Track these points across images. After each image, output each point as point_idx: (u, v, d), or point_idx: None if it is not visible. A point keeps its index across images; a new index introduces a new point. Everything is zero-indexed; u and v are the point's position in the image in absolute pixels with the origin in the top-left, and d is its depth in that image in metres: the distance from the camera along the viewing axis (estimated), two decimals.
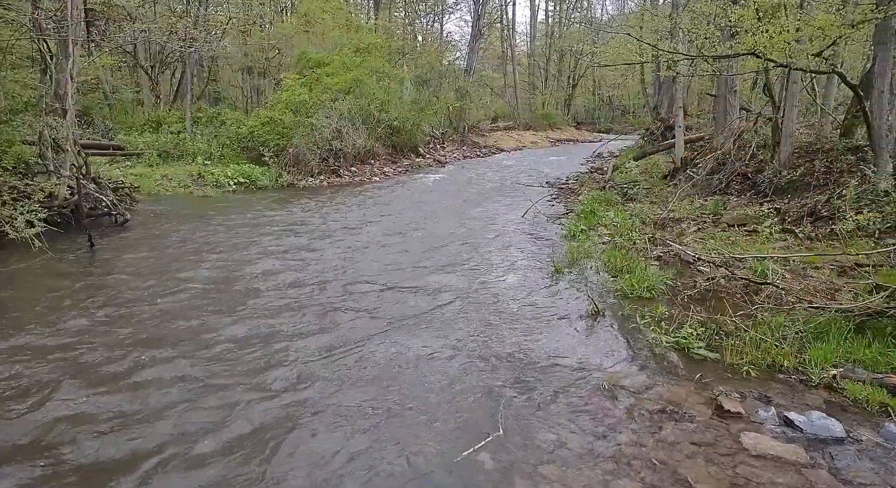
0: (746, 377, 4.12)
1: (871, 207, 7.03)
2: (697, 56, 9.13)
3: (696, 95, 23.03)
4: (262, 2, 21.95)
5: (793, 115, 9.36)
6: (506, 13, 36.75)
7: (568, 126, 38.19)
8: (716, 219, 8.67)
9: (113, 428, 3.40)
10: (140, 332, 4.85)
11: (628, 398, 3.86)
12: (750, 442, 3.29)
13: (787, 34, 7.18)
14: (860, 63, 11.95)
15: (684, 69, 11.79)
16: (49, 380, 3.95)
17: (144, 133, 15.91)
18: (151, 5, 19.77)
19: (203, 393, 3.83)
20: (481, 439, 3.34)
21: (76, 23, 9.08)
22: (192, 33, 15.20)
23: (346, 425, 3.49)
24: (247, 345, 4.64)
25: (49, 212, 7.85)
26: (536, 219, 10.33)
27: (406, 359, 4.45)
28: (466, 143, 25.82)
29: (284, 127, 15.36)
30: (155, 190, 12.17)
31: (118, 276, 6.45)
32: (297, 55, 19.14)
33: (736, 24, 8.03)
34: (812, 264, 6.14)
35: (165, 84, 20.64)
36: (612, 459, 3.17)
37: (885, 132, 7.56)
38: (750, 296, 5.52)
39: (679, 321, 5.00)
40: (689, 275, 6.41)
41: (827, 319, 4.62)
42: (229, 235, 8.60)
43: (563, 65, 40.59)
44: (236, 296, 5.88)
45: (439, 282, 6.49)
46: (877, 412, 3.62)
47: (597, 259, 7.25)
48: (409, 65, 25.93)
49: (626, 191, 12.02)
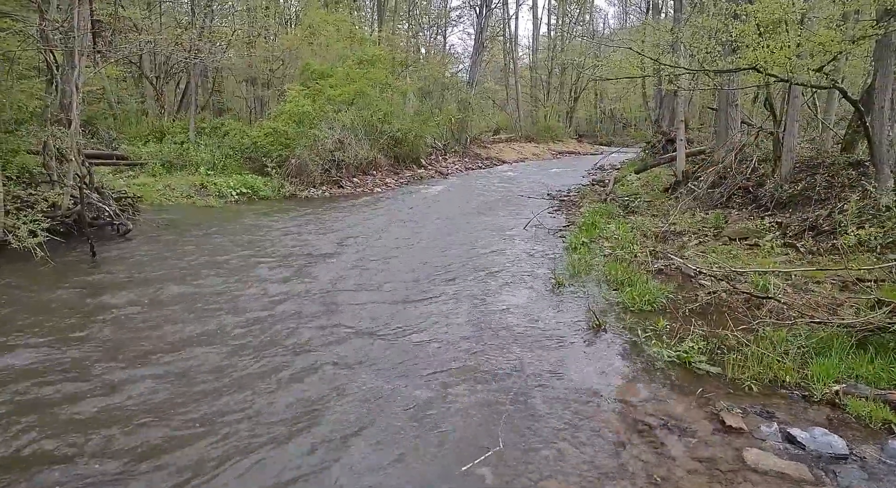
0: (748, 392, 4.10)
1: (872, 222, 7.03)
2: (699, 70, 9.19)
3: (698, 109, 23.12)
4: (267, 14, 22.16)
5: (794, 129, 9.40)
6: (508, 26, 37.03)
7: (570, 138, 38.30)
8: (717, 233, 8.67)
9: (93, 443, 3.38)
10: (139, 343, 4.84)
11: (630, 412, 3.84)
12: (752, 459, 3.27)
13: (787, 49, 7.22)
14: (861, 78, 12.01)
15: (685, 83, 11.84)
16: (48, 391, 3.94)
17: (148, 143, 15.98)
18: (157, 17, 19.98)
19: (196, 404, 3.82)
20: (482, 453, 3.32)
21: (83, 34, 9.15)
22: (196, 44, 15.32)
23: (346, 438, 3.48)
24: (239, 357, 4.63)
25: (52, 221, 7.86)
26: (538, 231, 10.34)
27: (406, 372, 4.44)
28: (468, 155, 25.89)
29: (287, 138, 15.42)
30: (158, 200, 12.21)
31: (119, 287, 6.45)
32: (301, 66, 19.27)
33: (737, 39, 8.08)
34: (814, 279, 6.13)
35: (170, 94, 20.76)
36: (613, 474, 3.15)
37: (885, 147, 7.58)
38: (752, 311, 5.51)
39: (680, 335, 4.99)
40: (690, 289, 6.40)
41: (829, 334, 4.60)
42: (230, 246, 8.61)
43: (565, 78, 40.80)
44: (233, 308, 5.87)
45: (439, 294, 6.49)
46: (880, 429, 3.60)
47: (598, 272, 7.24)
48: (412, 76, 26.09)
49: (628, 204, 12.04)
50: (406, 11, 32.72)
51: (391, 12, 30.61)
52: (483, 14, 29.23)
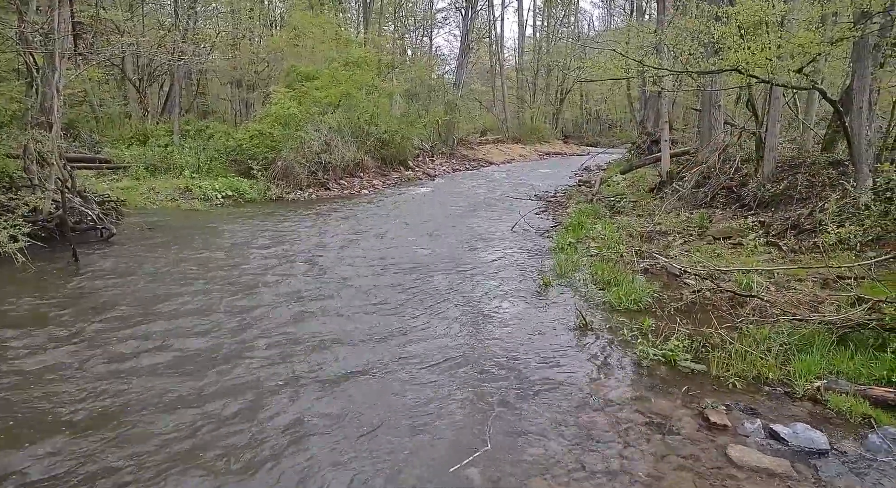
0: (732, 389, 4.15)
1: (852, 220, 7.14)
2: (682, 71, 9.28)
3: (682, 110, 23.34)
4: (252, 16, 22.02)
5: (775, 129, 9.54)
6: (494, 28, 37.16)
7: (556, 139, 38.53)
8: (701, 232, 8.76)
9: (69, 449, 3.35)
10: (117, 350, 4.79)
11: (616, 411, 3.87)
12: (736, 455, 3.31)
13: (768, 51, 7.33)
14: (840, 79, 12.21)
15: (669, 84, 11.97)
16: (24, 398, 3.88)
17: (132, 146, 15.81)
18: (140, 19, 19.77)
19: (181, 410, 3.79)
20: (470, 454, 3.33)
21: (63, 36, 9.05)
22: (180, 47, 15.19)
23: (334, 441, 3.47)
24: (225, 363, 4.60)
25: (33, 226, 7.74)
26: (525, 231, 10.38)
27: (393, 374, 4.43)
28: (455, 156, 25.93)
29: (273, 140, 15.34)
30: (142, 203, 12.08)
31: (101, 292, 6.37)
32: (287, 69, 19.19)
33: (719, 41, 8.19)
34: (796, 277, 6.22)
35: (153, 97, 20.55)
36: (600, 473, 3.18)
37: (864, 147, 7.71)
38: (735, 309, 5.58)
39: (666, 333, 5.03)
40: (675, 288, 6.46)
41: (811, 331, 4.68)
42: (213, 250, 8.55)
43: (551, 79, 41.02)
44: (216, 312, 5.82)
45: (426, 295, 6.49)
46: (860, 423, 3.66)
47: (585, 272, 7.29)
48: (399, 78, 26.07)
49: (614, 204, 12.13)
50: (392, 13, 32.69)
51: (377, 14, 30.55)
52: (469, 16, 29.32)
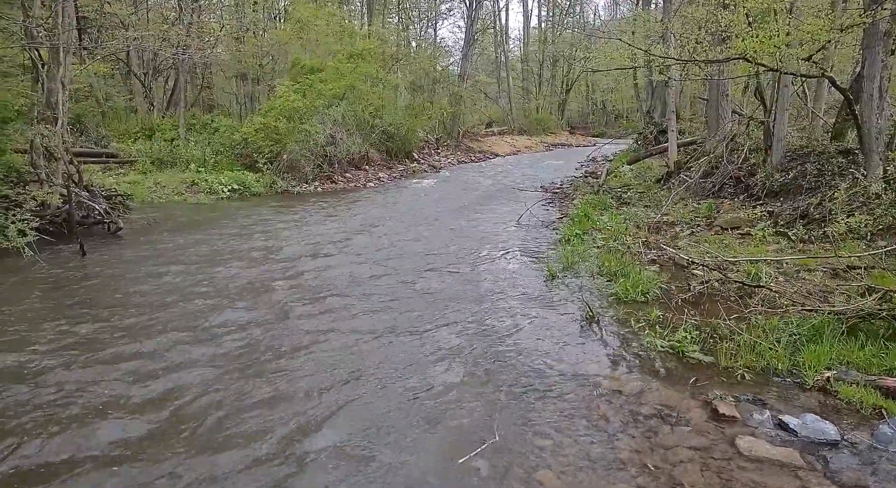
0: (741, 380, 4.12)
1: (862, 210, 7.08)
2: (689, 60, 9.19)
3: (689, 99, 23.15)
4: (256, 9, 21.97)
5: (784, 118, 9.43)
6: (499, 19, 36.97)
7: (562, 130, 38.36)
8: (709, 223, 8.71)
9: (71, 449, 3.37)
10: (127, 344, 4.82)
11: (624, 402, 3.86)
12: (745, 446, 3.29)
13: (777, 39, 7.24)
14: (850, 67, 12.05)
15: (676, 74, 11.86)
16: (30, 395, 3.91)
17: (138, 140, 15.87)
18: (144, 13, 19.77)
19: (193, 405, 3.81)
20: (478, 445, 3.33)
21: (68, 30, 9.05)
22: (185, 40, 15.18)
23: (340, 433, 3.48)
24: (233, 360, 4.62)
25: (41, 220, 7.80)
26: (531, 223, 10.35)
27: (400, 365, 4.44)
28: (461, 148, 25.87)
29: (278, 133, 15.35)
30: (148, 197, 12.13)
31: (108, 286, 6.41)
32: (291, 61, 19.16)
33: (726, 29, 8.09)
34: (805, 267, 6.17)
35: (159, 91, 20.58)
36: (608, 464, 3.17)
37: (874, 135, 7.62)
38: (744, 300, 5.54)
39: (673, 325, 5.01)
40: (683, 279, 6.43)
41: (820, 322, 4.63)
42: (220, 244, 8.57)
43: (557, 70, 40.77)
44: (223, 307, 5.85)
45: (433, 288, 6.49)
46: (870, 414, 3.63)
47: (591, 263, 7.26)
48: (403, 70, 25.99)
49: (620, 195, 12.07)
50: (396, 5, 32.55)
51: (381, 6, 30.45)
52: (473, 6, 29.11)
